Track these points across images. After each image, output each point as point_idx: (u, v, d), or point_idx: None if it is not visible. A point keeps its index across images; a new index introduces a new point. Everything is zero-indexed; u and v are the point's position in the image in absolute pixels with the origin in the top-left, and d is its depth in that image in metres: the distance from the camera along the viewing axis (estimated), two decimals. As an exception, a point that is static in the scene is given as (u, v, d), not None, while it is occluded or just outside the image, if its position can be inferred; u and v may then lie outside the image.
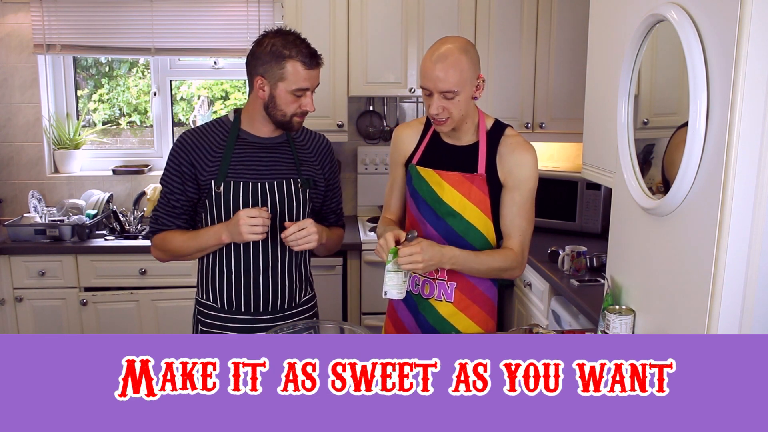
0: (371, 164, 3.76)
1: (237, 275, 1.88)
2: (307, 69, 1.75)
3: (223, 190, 1.82)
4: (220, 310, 1.92)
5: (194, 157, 1.84)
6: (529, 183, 1.84)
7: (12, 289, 3.14)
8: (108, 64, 3.96)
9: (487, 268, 1.83)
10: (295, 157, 1.91)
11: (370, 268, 3.29)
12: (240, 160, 1.85)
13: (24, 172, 3.68)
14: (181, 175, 1.85)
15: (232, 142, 1.85)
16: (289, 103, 1.78)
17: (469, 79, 1.75)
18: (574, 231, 3.27)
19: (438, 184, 1.88)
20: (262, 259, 1.88)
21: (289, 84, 1.75)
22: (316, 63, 1.78)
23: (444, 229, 1.88)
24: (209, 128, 1.90)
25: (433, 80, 1.73)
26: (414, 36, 3.36)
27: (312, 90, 1.80)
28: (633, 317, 1.69)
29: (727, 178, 1.33)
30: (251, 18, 3.60)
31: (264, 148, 1.88)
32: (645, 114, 1.73)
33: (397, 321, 2.03)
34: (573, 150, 3.75)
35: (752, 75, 1.28)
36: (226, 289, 1.90)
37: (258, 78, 1.78)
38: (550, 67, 3.42)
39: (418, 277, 1.95)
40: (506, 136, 1.87)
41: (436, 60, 1.73)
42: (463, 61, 1.73)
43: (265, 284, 1.89)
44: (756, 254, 1.36)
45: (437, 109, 1.76)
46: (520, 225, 1.86)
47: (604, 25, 1.99)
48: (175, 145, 1.88)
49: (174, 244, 1.86)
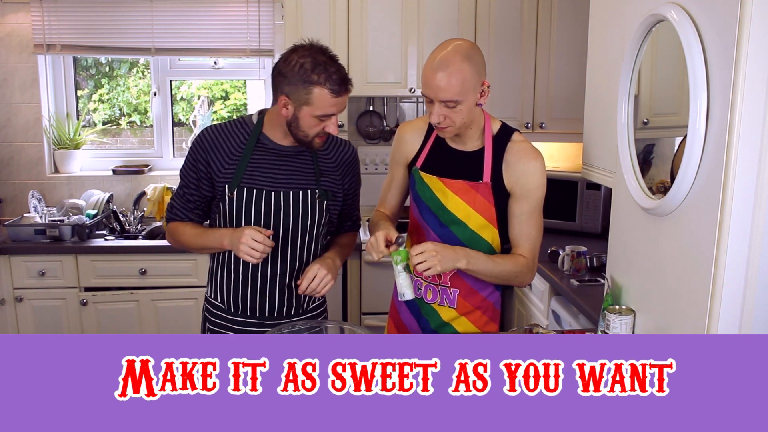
0: (371, 164, 3.76)
1: (245, 280, 1.87)
2: (335, 97, 1.67)
3: (236, 196, 1.79)
4: (227, 311, 1.91)
5: (211, 157, 1.80)
6: (538, 192, 1.80)
7: (12, 289, 3.14)
8: (108, 64, 3.96)
9: (500, 271, 1.78)
10: (315, 167, 1.85)
11: (371, 269, 3.29)
12: (257, 166, 1.80)
13: (24, 172, 3.68)
14: (197, 172, 1.82)
15: (251, 147, 1.80)
16: (313, 126, 1.71)
17: (472, 87, 1.68)
18: (574, 231, 3.27)
19: (442, 191, 1.84)
20: (270, 267, 1.85)
21: (315, 110, 1.68)
22: (345, 89, 1.69)
23: (448, 236, 1.85)
24: (231, 128, 1.84)
25: (433, 89, 1.66)
26: (414, 36, 3.36)
27: (336, 116, 1.72)
28: (633, 317, 1.69)
29: (727, 178, 1.33)
30: (251, 18, 3.60)
31: (284, 156, 1.82)
32: (645, 114, 1.73)
33: (399, 323, 2.02)
34: (573, 150, 3.75)
35: (752, 75, 1.28)
36: (233, 293, 1.88)
37: (282, 97, 1.70)
38: (550, 67, 3.42)
39: (420, 282, 1.92)
40: (513, 142, 1.81)
41: (437, 67, 1.65)
42: (465, 69, 1.65)
43: (272, 291, 1.87)
44: (756, 254, 1.36)
45: (438, 117, 1.70)
46: (529, 234, 1.82)
47: (604, 25, 1.99)
48: (195, 141, 1.84)
49: (183, 237, 1.86)
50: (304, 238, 1.85)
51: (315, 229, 1.86)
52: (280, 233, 1.81)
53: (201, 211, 1.89)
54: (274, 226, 1.81)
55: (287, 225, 1.82)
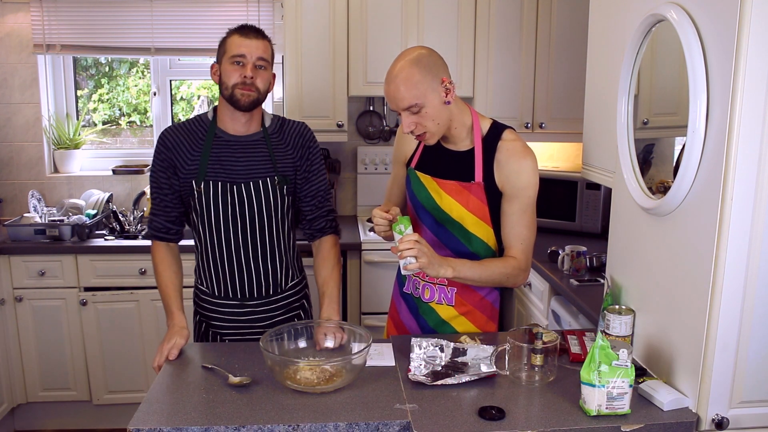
0: (371, 164, 3.76)
1: (223, 267, 1.99)
2: (241, 37, 1.84)
3: (203, 189, 1.91)
4: (213, 296, 2.04)
5: (175, 155, 1.92)
6: (529, 191, 1.78)
7: (12, 289, 3.14)
8: (108, 64, 3.96)
9: (489, 275, 1.77)
10: (271, 154, 1.95)
11: (370, 268, 3.29)
12: (217, 160, 1.92)
13: (24, 172, 3.68)
14: (166, 170, 1.94)
15: (209, 142, 1.92)
16: (231, 74, 1.84)
17: (428, 88, 1.68)
18: (574, 231, 3.27)
19: (436, 191, 1.84)
20: (244, 254, 1.98)
21: (228, 54, 1.85)
22: (253, 33, 1.86)
23: (445, 235, 1.86)
24: (190, 126, 1.96)
25: (392, 100, 1.71)
26: (414, 36, 3.36)
27: (252, 62, 1.84)
28: (633, 317, 1.69)
29: (727, 178, 1.33)
30: (251, 18, 3.60)
31: (240, 148, 1.93)
32: (645, 114, 1.73)
33: (398, 322, 2.02)
34: (573, 150, 3.75)
35: (752, 75, 1.28)
36: (215, 279, 2.01)
37: (213, 65, 1.92)
38: (550, 67, 3.42)
39: (418, 281, 1.93)
40: (503, 141, 1.79)
41: (389, 81, 1.70)
42: (414, 73, 1.67)
43: (249, 275, 2.00)
44: (756, 254, 1.36)
45: (409, 126, 1.72)
46: (521, 234, 1.80)
47: (604, 25, 1.99)
48: (159, 142, 1.95)
49: (157, 275, 1.98)
50: (271, 224, 1.97)
51: (279, 214, 1.98)
52: (248, 222, 1.94)
53: (178, 213, 1.99)
54: (240, 215, 1.93)
55: (252, 214, 1.94)
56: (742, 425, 1.44)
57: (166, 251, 1.99)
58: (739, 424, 1.43)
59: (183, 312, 1.90)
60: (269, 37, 1.92)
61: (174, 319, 1.86)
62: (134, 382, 3.26)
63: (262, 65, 1.86)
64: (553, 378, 1.60)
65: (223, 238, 1.95)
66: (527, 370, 1.59)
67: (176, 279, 1.97)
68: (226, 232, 1.95)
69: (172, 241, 2.01)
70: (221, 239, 1.95)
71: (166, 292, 1.93)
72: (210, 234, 1.96)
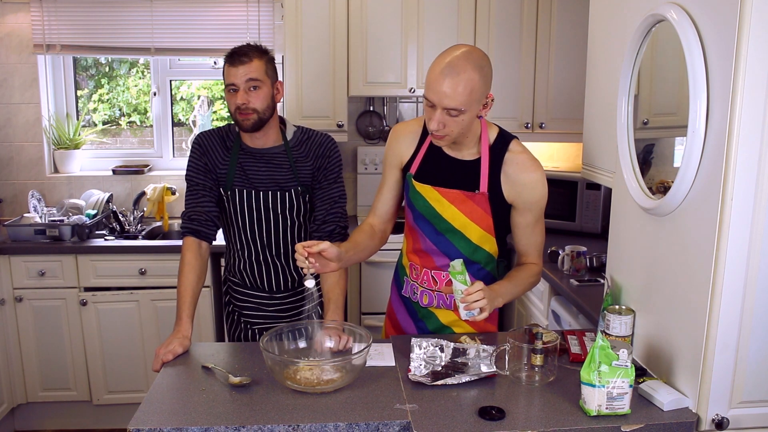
0: (371, 164, 3.76)
1: (251, 264, 2.13)
2: (230, 66, 1.90)
3: (230, 196, 2.02)
4: (243, 286, 2.19)
5: (209, 159, 2.03)
6: (541, 202, 1.81)
7: (12, 289, 3.14)
8: (108, 64, 3.96)
9: (522, 288, 1.85)
10: (292, 166, 2.02)
11: (370, 269, 3.29)
12: (243, 169, 2.02)
13: (24, 172, 3.68)
14: (202, 171, 2.02)
15: (236, 151, 2.02)
16: (230, 102, 1.92)
17: (479, 98, 1.63)
18: (574, 231, 3.27)
19: (437, 200, 1.81)
20: (269, 254, 2.10)
21: (225, 82, 1.92)
22: (239, 61, 1.89)
23: (445, 244, 1.84)
24: (222, 133, 2.06)
25: (438, 94, 1.59)
26: (414, 36, 3.35)
27: (243, 87, 1.88)
28: (633, 317, 1.69)
29: (727, 178, 1.33)
30: (251, 18, 3.60)
31: (264, 159, 2.02)
32: (645, 114, 1.73)
33: (396, 323, 2.02)
34: (573, 150, 3.75)
35: (752, 75, 1.28)
36: (243, 272, 2.15)
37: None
38: (550, 67, 3.42)
39: (416, 286, 1.92)
40: (511, 153, 1.77)
41: (446, 72, 1.58)
42: (475, 79, 1.59)
43: (275, 270, 2.13)
44: (756, 254, 1.36)
45: (438, 124, 1.64)
46: (536, 242, 1.86)
47: (604, 25, 1.99)
48: (194, 144, 2.05)
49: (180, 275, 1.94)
50: (294, 226, 2.09)
51: (301, 217, 2.08)
52: (272, 225, 2.06)
53: (215, 210, 2.03)
54: (266, 219, 2.05)
55: (276, 219, 2.05)
56: (742, 425, 1.44)
57: (197, 253, 1.96)
58: (739, 424, 1.43)
59: (192, 321, 1.87)
60: (264, 48, 1.96)
61: (180, 326, 1.83)
62: (134, 382, 3.26)
63: (255, 85, 1.89)
64: (553, 378, 1.60)
65: (249, 239, 2.08)
66: (527, 370, 1.59)
67: (197, 286, 1.93)
68: (252, 233, 2.07)
69: (206, 238, 1.99)
70: (248, 239, 2.08)
71: (183, 297, 1.90)
72: (237, 234, 2.09)
